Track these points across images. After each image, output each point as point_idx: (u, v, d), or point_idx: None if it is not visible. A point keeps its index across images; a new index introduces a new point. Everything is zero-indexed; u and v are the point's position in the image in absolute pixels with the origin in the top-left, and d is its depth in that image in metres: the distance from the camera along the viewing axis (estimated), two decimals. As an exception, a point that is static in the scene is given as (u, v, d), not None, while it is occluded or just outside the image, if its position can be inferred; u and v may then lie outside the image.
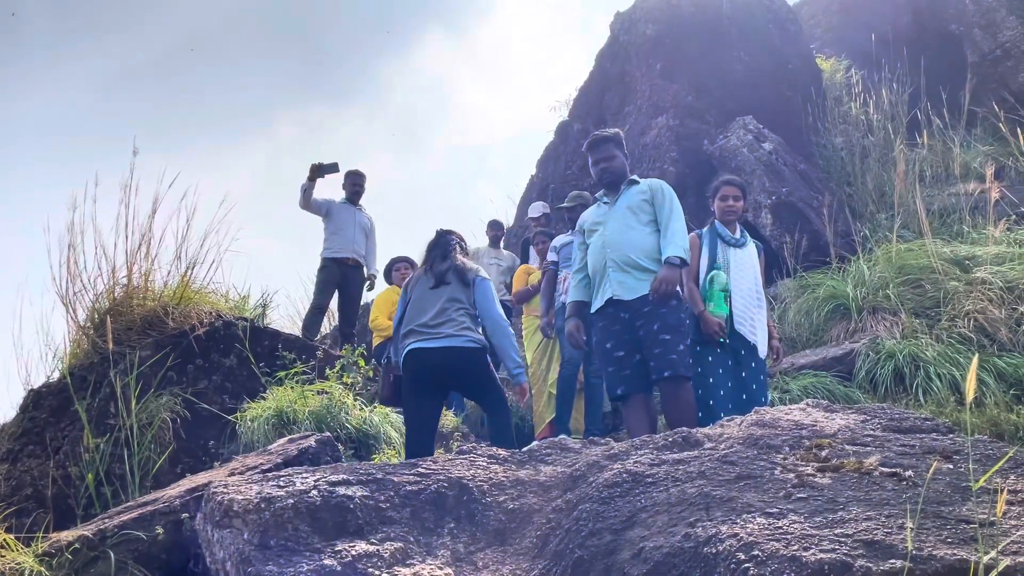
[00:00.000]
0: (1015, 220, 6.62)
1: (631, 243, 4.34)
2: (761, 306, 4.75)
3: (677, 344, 4.16)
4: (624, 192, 4.54)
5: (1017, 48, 9.36)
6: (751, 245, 4.93)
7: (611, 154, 4.58)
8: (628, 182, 4.58)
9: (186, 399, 4.73)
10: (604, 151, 4.59)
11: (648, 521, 2.21)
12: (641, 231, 4.38)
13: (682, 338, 4.20)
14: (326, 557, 2.26)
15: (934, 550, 1.78)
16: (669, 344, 4.13)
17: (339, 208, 7.91)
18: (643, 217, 4.42)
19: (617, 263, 4.35)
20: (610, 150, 4.59)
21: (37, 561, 2.86)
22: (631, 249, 4.33)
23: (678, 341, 4.16)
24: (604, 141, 4.62)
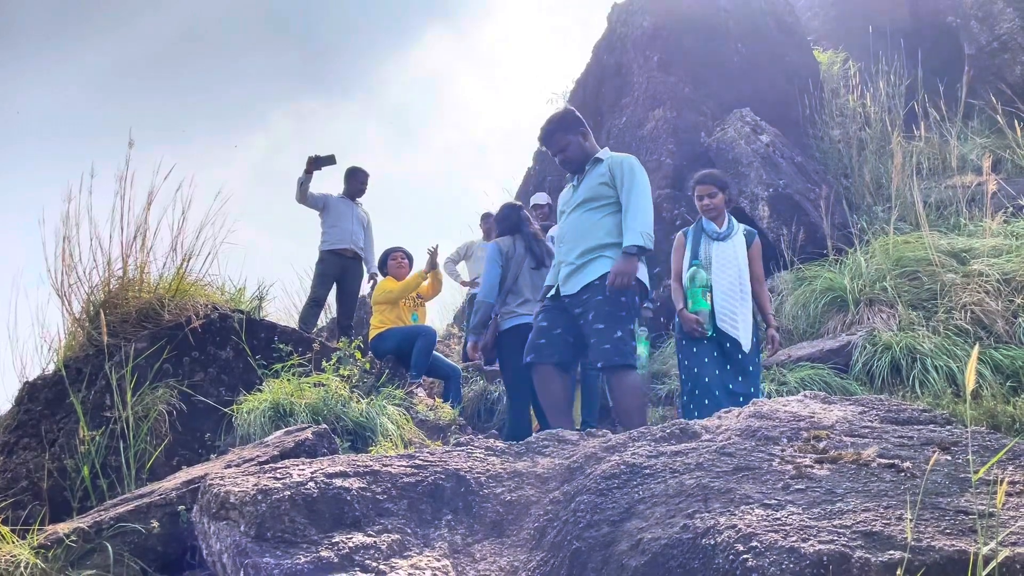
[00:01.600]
0: (1012, 212, 6.62)
1: (583, 236, 4.18)
2: (744, 299, 4.71)
3: (613, 332, 3.98)
4: (588, 174, 4.32)
5: (1014, 40, 9.35)
6: (737, 236, 4.87)
7: (564, 143, 4.32)
8: (593, 161, 4.32)
9: (182, 391, 4.71)
10: (556, 143, 4.34)
11: (646, 513, 2.21)
12: (597, 219, 4.18)
13: (619, 325, 4.00)
14: (323, 549, 2.25)
15: (933, 541, 1.77)
16: (603, 333, 3.97)
17: (336, 202, 7.89)
18: (602, 202, 4.21)
19: (568, 259, 4.24)
20: (561, 140, 4.32)
21: (33, 553, 2.85)
22: (582, 242, 4.17)
23: (614, 329, 3.98)
24: (552, 133, 4.34)
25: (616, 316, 3.99)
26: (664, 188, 8.12)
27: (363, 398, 4.88)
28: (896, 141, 7.80)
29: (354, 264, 7.93)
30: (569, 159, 4.33)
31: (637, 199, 4.06)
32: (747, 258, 4.84)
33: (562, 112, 4.43)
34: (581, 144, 4.32)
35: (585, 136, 4.36)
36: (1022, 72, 9.22)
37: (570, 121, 4.34)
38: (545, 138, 4.37)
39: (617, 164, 4.18)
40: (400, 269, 7.22)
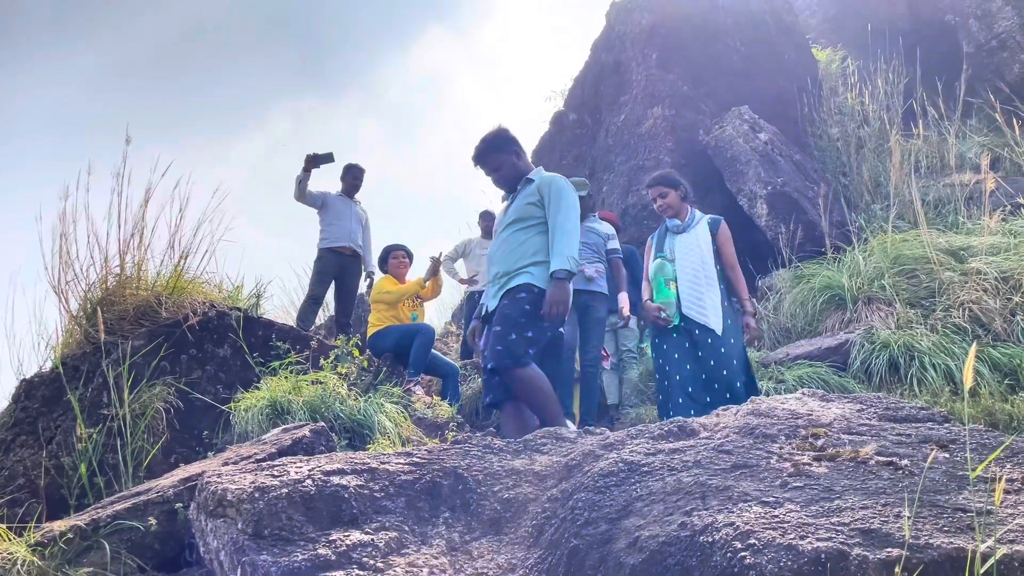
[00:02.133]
0: (1010, 210, 6.62)
1: (510, 256, 4.12)
2: (710, 285, 4.72)
3: (507, 334, 3.89)
4: (519, 194, 4.25)
5: (1013, 39, 9.36)
6: (699, 226, 4.92)
7: (497, 163, 4.25)
8: (524, 181, 4.25)
9: (179, 389, 4.70)
10: (489, 163, 4.27)
11: (644, 510, 2.20)
12: (524, 239, 4.12)
13: (516, 328, 3.91)
14: (320, 547, 2.25)
15: (931, 538, 1.77)
16: (498, 335, 3.91)
17: (335, 200, 7.89)
18: (530, 222, 4.14)
19: (495, 279, 4.20)
20: (494, 160, 4.25)
21: (30, 551, 2.84)
22: (509, 262, 4.12)
23: (509, 331, 3.90)
24: (486, 152, 4.26)
25: (514, 320, 3.93)
26: (662, 186, 8.10)
27: (361, 396, 4.88)
28: (894, 139, 7.81)
29: (352, 262, 7.92)
30: (502, 179, 4.29)
31: (563, 222, 4.00)
32: (714, 245, 4.85)
33: (496, 131, 4.32)
34: (514, 164, 4.27)
35: (519, 156, 4.30)
36: (1020, 71, 9.23)
37: (504, 141, 4.27)
38: (478, 157, 4.29)
39: (546, 184, 4.13)
40: (401, 268, 7.20)
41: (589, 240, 6.23)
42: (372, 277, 8.07)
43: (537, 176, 4.23)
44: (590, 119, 10.06)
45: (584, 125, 10.11)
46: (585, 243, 6.17)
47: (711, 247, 4.83)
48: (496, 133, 4.30)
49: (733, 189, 7.86)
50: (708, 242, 4.84)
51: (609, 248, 6.36)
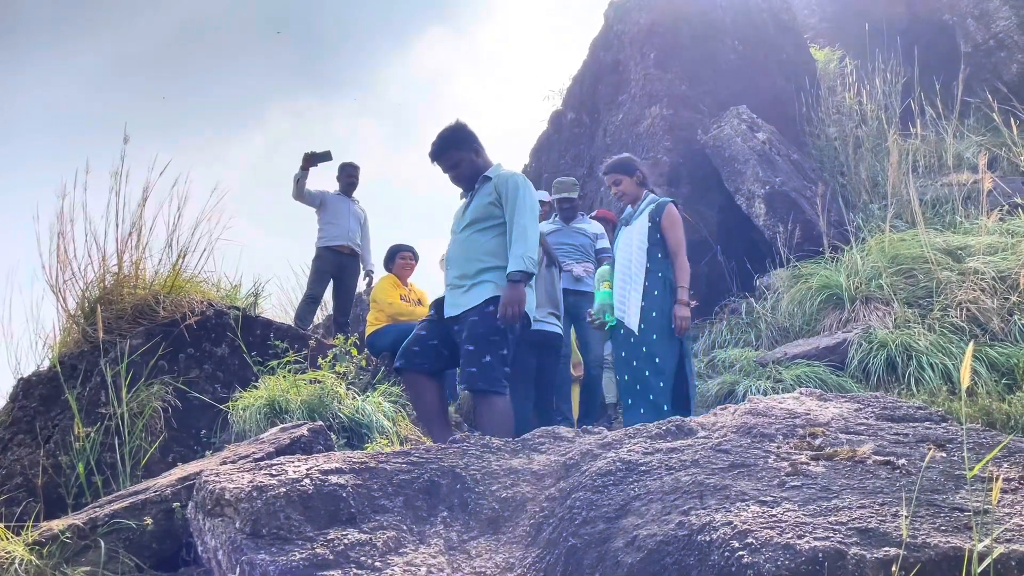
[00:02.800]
0: (1007, 210, 6.63)
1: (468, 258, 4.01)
2: (635, 280, 4.59)
3: (482, 355, 3.77)
4: (477, 192, 4.13)
5: (1010, 38, 9.37)
6: (643, 216, 4.73)
7: (455, 160, 4.11)
8: (481, 179, 4.13)
9: (177, 388, 4.70)
10: (447, 159, 4.13)
11: (642, 509, 2.21)
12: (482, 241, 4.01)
13: (490, 349, 3.80)
14: (318, 546, 2.25)
15: (928, 538, 1.78)
16: (471, 355, 3.78)
17: (333, 198, 7.89)
18: (490, 222, 4.03)
19: (453, 281, 4.09)
20: (453, 156, 4.11)
21: (27, 550, 2.84)
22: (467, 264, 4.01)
23: (483, 352, 3.77)
24: (444, 149, 4.12)
25: (488, 340, 3.81)
26: (660, 185, 8.12)
27: (359, 395, 4.88)
28: (892, 139, 7.81)
29: (351, 261, 7.92)
30: (460, 177, 4.17)
31: (520, 221, 3.88)
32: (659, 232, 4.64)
33: (454, 127, 4.17)
34: (473, 161, 4.14)
35: (478, 153, 4.16)
36: (1018, 70, 9.24)
37: (462, 137, 4.14)
38: (435, 154, 4.15)
39: (503, 182, 4.02)
40: (406, 269, 7.21)
41: (576, 241, 6.21)
42: (371, 276, 8.07)
43: (494, 174, 4.11)
44: (588, 118, 10.06)
45: (582, 124, 10.11)
46: (571, 244, 6.20)
47: (645, 237, 4.63)
48: (454, 129, 4.15)
49: (731, 188, 7.86)
50: (644, 233, 4.64)
51: (599, 248, 6.30)
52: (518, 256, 3.80)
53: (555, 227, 6.39)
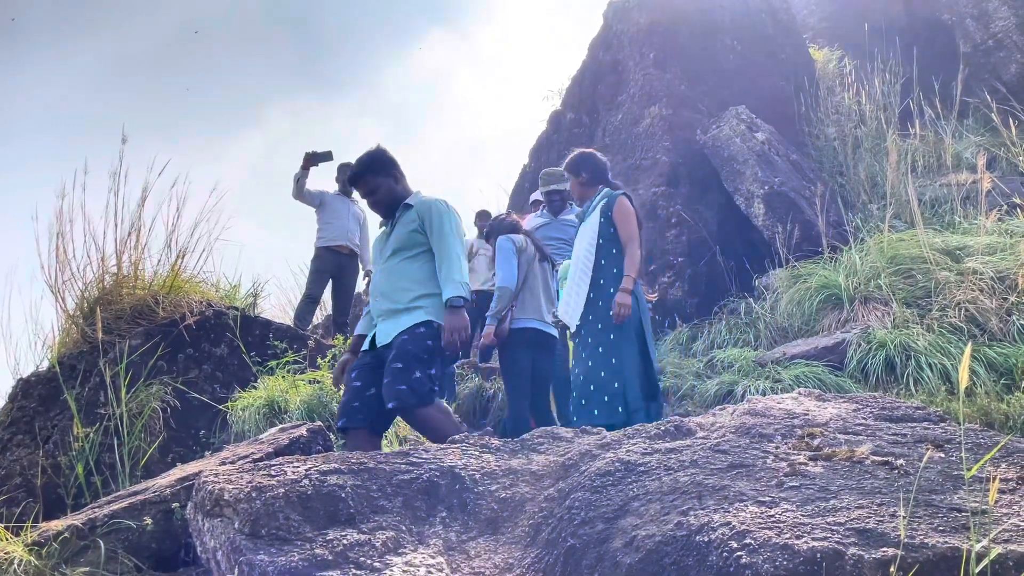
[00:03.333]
0: (1006, 210, 6.63)
1: (397, 287, 3.88)
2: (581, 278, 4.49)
3: (411, 372, 3.64)
4: (399, 221, 3.99)
5: (1009, 38, 9.37)
6: (594, 212, 4.61)
7: (373, 186, 3.97)
8: (402, 207, 3.99)
9: (177, 388, 4.71)
10: (365, 186, 3.99)
11: (640, 510, 2.21)
12: (410, 269, 3.90)
13: (421, 365, 3.67)
14: (317, 546, 2.25)
15: (926, 538, 1.78)
16: (399, 373, 3.64)
17: (332, 198, 7.89)
18: (416, 250, 3.92)
19: (382, 310, 3.95)
20: (371, 182, 3.97)
21: (27, 551, 2.84)
22: (397, 293, 3.88)
23: (413, 369, 3.65)
24: (361, 175, 3.99)
25: (418, 357, 3.71)
26: (659, 186, 8.12)
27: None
28: (891, 139, 7.82)
29: (350, 261, 7.92)
30: (378, 203, 4.02)
31: (448, 247, 3.82)
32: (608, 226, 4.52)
33: (373, 152, 4.05)
34: (392, 188, 4.01)
35: (397, 179, 4.04)
36: (1017, 70, 9.24)
37: (381, 162, 4.01)
38: (353, 180, 4.05)
39: (426, 209, 3.91)
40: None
41: (566, 234, 5.93)
42: (370, 276, 8.07)
43: (415, 201, 4.00)
44: (587, 118, 10.06)
45: (582, 124, 10.11)
46: (561, 238, 5.97)
47: (596, 233, 4.52)
48: (373, 154, 4.03)
49: (730, 189, 7.86)
50: (595, 228, 4.53)
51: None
52: (453, 281, 3.72)
53: (544, 220, 6.22)
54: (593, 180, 4.76)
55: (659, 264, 7.87)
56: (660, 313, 7.58)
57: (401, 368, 3.66)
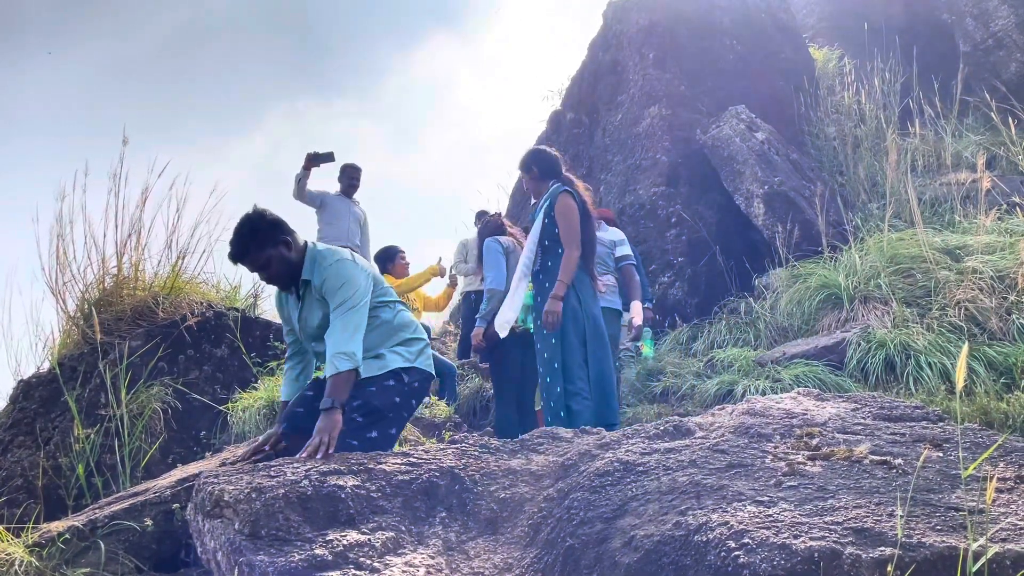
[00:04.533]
0: (1006, 209, 6.63)
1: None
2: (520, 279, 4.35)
3: (368, 430, 3.24)
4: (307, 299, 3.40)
5: (1009, 37, 9.37)
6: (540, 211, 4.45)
7: (263, 261, 3.31)
8: (303, 284, 3.38)
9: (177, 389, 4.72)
10: (253, 261, 3.32)
11: (639, 510, 2.21)
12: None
13: (380, 424, 3.28)
14: (317, 547, 2.26)
15: (923, 537, 1.78)
16: (357, 427, 3.23)
17: (333, 199, 7.89)
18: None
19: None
20: (259, 257, 3.30)
21: (27, 552, 2.85)
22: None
23: (371, 427, 3.25)
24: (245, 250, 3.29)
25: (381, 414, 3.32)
26: (659, 186, 8.13)
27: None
28: (891, 138, 7.82)
29: (350, 262, 7.92)
30: (276, 278, 3.38)
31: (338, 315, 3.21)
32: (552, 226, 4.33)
33: (254, 220, 3.33)
34: (284, 257, 3.33)
35: (289, 245, 3.35)
36: (1017, 69, 9.24)
37: (267, 231, 3.31)
38: (238, 256, 3.32)
39: (321, 284, 3.29)
40: (405, 270, 7.33)
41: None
42: None
43: (310, 275, 3.34)
44: (587, 118, 10.06)
45: (581, 124, 10.12)
46: None
47: (539, 233, 4.36)
48: (254, 224, 3.32)
49: (730, 188, 7.87)
50: (539, 229, 4.38)
51: (619, 255, 5.74)
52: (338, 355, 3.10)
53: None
54: (545, 175, 4.53)
55: (659, 264, 7.87)
56: (660, 313, 7.59)
57: (361, 423, 3.25)
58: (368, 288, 3.35)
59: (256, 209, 3.40)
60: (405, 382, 3.37)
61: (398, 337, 3.46)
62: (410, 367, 3.41)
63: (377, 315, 3.41)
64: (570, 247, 4.28)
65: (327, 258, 3.34)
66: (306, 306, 3.40)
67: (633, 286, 5.61)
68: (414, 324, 3.59)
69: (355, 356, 3.13)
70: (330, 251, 3.41)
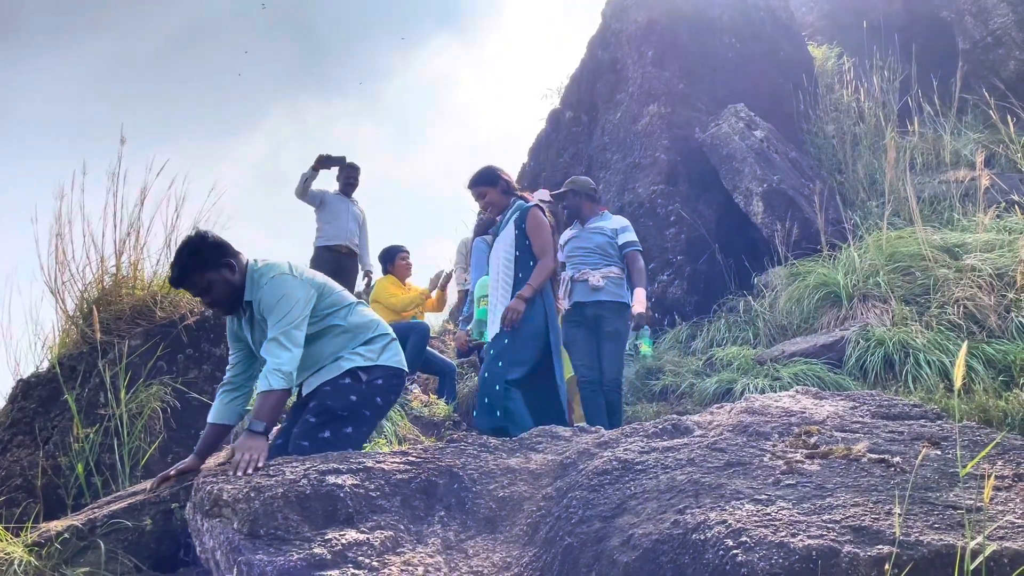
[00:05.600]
0: (1004, 207, 6.64)
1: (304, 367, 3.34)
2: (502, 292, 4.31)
3: (321, 430, 3.21)
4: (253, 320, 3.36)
5: (1008, 35, 9.37)
6: (509, 224, 4.43)
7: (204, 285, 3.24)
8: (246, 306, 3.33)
9: (176, 389, 4.71)
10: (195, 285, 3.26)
11: (637, 508, 2.22)
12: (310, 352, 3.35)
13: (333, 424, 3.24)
14: (316, 546, 2.26)
15: (921, 536, 1.79)
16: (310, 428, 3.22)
17: (332, 198, 7.91)
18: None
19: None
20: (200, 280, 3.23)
21: (27, 551, 2.85)
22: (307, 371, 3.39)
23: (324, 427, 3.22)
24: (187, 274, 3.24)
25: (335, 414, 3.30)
26: (658, 184, 8.13)
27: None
28: (890, 136, 7.82)
29: (349, 261, 7.93)
30: (219, 302, 3.32)
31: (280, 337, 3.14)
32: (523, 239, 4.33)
33: (193, 245, 3.29)
34: (227, 281, 3.26)
35: (232, 267, 3.28)
36: (1016, 67, 9.24)
37: (207, 253, 3.25)
38: (178, 280, 3.29)
39: (258, 301, 3.25)
40: (406, 269, 7.34)
41: (591, 243, 5.46)
42: (370, 275, 8.09)
43: (252, 296, 3.29)
44: (586, 117, 10.06)
45: (580, 123, 10.11)
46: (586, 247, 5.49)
47: (513, 246, 4.37)
48: (195, 247, 3.27)
49: (729, 187, 7.87)
50: (511, 242, 4.38)
51: (622, 243, 5.45)
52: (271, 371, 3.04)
53: (574, 232, 5.66)
54: (506, 192, 4.54)
55: (658, 262, 7.88)
56: (659, 311, 7.59)
57: (313, 423, 3.23)
58: (308, 302, 3.27)
59: (198, 231, 3.39)
60: (363, 380, 3.33)
61: (359, 339, 3.43)
62: (371, 365, 3.39)
63: (332, 324, 3.38)
64: (545, 257, 4.30)
65: (264, 275, 3.28)
66: (256, 327, 3.33)
67: (636, 272, 5.37)
68: (375, 323, 3.56)
69: (291, 376, 3.08)
70: (268, 267, 3.33)
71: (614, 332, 5.21)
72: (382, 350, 3.48)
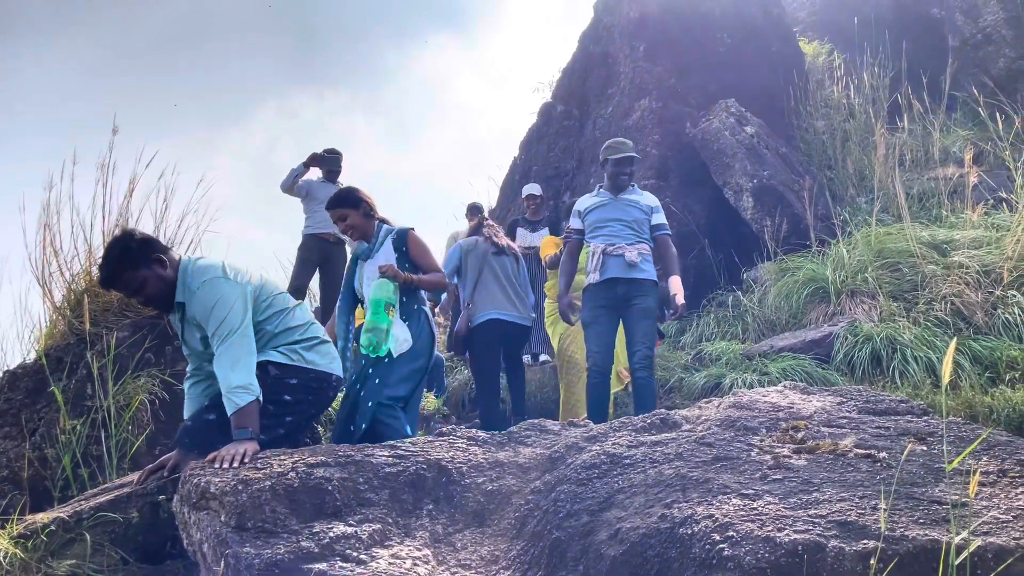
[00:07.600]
0: (992, 204, 6.67)
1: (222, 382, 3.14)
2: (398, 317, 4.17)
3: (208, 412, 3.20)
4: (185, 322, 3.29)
5: (998, 33, 9.40)
6: (385, 248, 4.32)
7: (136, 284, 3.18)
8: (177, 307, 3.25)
9: (164, 380, 4.69)
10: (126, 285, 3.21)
11: (625, 502, 2.22)
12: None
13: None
14: (303, 539, 2.26)
15: (906, 531, 1.80)
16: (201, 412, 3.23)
17: (318, 186, 7.89)
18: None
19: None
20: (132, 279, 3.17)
21: (12, 543, 2.84)
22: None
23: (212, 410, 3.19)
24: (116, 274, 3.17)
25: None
26: (649, 179, 8.13)
27: (347, 387, 4.87)
28: (879, 133, 7.84)
29: (337, 249, 7.89)
30: (152, 300, 3.25)
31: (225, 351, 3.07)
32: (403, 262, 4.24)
33: (123, 239, 3.23)
34: (160, 277, 3.19)
35: (163, 263, 3.21)
36: (1005, 65, 9.28)
37: (136, 250, 3.17)
38: (109, 280, 3.21)
39: (192, 307, 3.19)
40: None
41: (627, 216, 5.10)
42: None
43: (185, 297, 3.22)
44: (578, 111, 10.05)
45: (572, 117, 10.10)
46: (622, 220, 5.12)
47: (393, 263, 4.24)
48: (124, 244, 3.19)
49: (719, 182, 7.88)
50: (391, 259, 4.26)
51: (654, 223, 5.16)
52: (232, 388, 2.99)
53: (601, 200, 5.27)
54: (368, 215, 4.38)
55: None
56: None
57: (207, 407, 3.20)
58: (246, 306, 3.19)
59: (124, 230, 3.32)
60: (271, 375, 3.24)
61: (282, 340, 3.36)
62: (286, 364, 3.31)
63: (262, 328, 3.30)
64: (439, 275, 4.28)
65: (196, 278, 3.20)
66: (187, 327, 3.27)
67: (670, 258, 5.14)
68: (304, 325, 3.48)
69: (251, 387, 3.02)
70: (200, 269, 3.25)
71: (649, 309, 4.96)
72: (306, 351, 3.39)
